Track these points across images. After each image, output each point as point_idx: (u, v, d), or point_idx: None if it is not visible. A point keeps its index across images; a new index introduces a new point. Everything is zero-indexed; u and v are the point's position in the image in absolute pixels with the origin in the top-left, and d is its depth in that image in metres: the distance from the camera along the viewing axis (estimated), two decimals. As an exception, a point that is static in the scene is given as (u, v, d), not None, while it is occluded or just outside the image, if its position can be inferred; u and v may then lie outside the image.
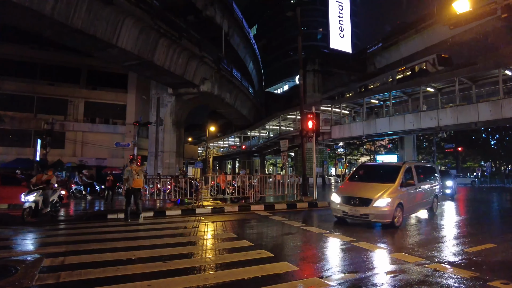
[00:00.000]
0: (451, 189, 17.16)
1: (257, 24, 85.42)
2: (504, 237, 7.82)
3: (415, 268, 4.93)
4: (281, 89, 77.88)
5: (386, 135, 34.80)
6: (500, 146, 49.27)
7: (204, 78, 27.83)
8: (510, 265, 5.28)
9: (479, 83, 25.58)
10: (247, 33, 42.73)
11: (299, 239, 7.32)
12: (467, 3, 8.00)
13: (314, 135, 14.46)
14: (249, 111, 46.96)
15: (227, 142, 60.17)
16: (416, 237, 7.70)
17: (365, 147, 58.06)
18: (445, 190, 16.46)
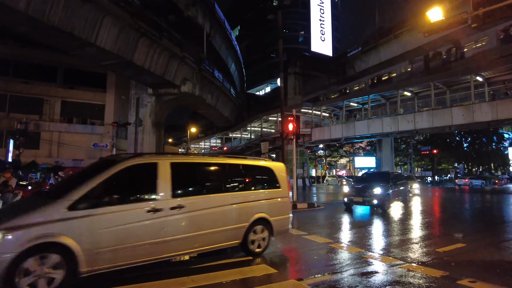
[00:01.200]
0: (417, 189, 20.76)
1: (239, 26, 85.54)
2: (474, 236, 8.15)
3: (390, 269, 5.08)
4: (263, 90, 78.27)
5: (365, 137, 35.59)
6: (472, 149, 51.28)
7: (185, 79, 27.61)
8: (477, 264, 5.51)
9: (453, 88, 26.57)
10: (229, 34, 42.70)
11: (277, 241, 7.38)
12: (440, 12, 8.30)
13: (294, 137, 14.61)
14: (231, 112, 46.89)
15: (209, 143, 59.84)
16: (391, 238, 7.90)
17: (344, 149, 59.05)
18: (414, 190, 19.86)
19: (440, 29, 8.47)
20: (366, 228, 9.25)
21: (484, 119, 22.30)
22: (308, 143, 36.30)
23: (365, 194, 12.39)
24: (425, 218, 11.24)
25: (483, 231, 9.15)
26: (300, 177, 35.80)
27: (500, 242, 7.49)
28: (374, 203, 12.05)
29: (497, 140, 53.32)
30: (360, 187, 13.23)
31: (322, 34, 69.53)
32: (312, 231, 8.27)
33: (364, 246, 6.68)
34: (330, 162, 59.39)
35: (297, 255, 6.17)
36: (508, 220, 11.56)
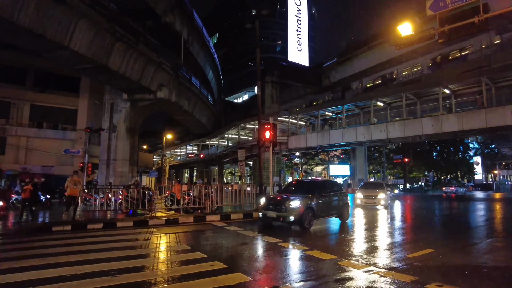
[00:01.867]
0: None
1: (217, 33, 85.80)
2: (442, 242, 8.47)
3: (362, 275, 5.19)
4: (241, 98, 78.48)
5: (339, 146, 36.33)
6: (440, 158, 53.49)
7: (162, 85, 27.30)
8: (445, 269, 5.73)
9: (423, 99, 27.71)
10: (207, 42, 42.70)
11: (253, 249, 7.38)
12: (409, 27, 8.70)
13: (271, 145, 14.73)
14: (208, 119, 46.66)
15: (185, 151, 59.09)
16: (364, 244, 8.07)
17: (320, 157, 60.03)
18: None
19: (410, 43, 8.88)
20: (341, 235, 9.41)
21: (451, 129, 23.40)
22: (285, 151, 36.61)
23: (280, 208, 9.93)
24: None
25: (450, 236, 9.54)
26: (277, 184, 35.96)
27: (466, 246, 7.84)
28: (290, 220, 9.65)
29: (463, 150, 56.03)
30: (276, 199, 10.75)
31: (299, 44, 70.72)
32: (287, 239, 8.33)
33: (339, 253, 6.80)
34: (306, 169, 60.13)
35: (273, 262, 6.20)
36: (476, 225, 12.10)
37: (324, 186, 11.92)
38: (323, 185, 12.18)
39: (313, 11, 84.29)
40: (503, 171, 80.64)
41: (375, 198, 17.84)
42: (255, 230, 9.89)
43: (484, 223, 13.09)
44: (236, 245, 7.83)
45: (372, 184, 21.58)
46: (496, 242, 8.61)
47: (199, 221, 11.62)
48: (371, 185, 20.69)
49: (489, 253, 7.24)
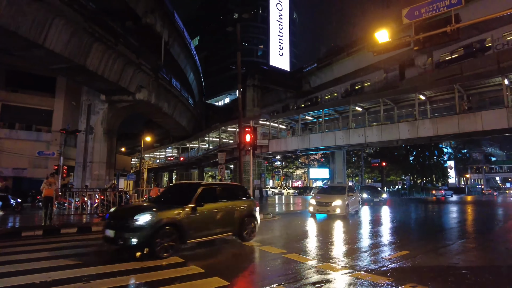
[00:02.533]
0: None
1: (199, 36, 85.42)
2: (417, 243, 8.69)
3: (339, 278, 5.25)
4: (222, 101, 78.31)
5: (319, 149, 36.83)
6: (416, 162, 55.09)
7: (141, 86, 26.87)
8: (419, 270, 5.88)
9: (400, 105, 28.50)
10: (188, 44, 42.39)
11: (232, 253, 7.33)
12: (386, 34, 8.94)
13: (251, 148, 14.74)
14: (189, 122, 46.24)
15: (164, 153, 58.28)
16: (342, 247, 8.18)
17: (300, 160, 60.60)
18: None
19: (387, 49, 9.12)
20: (320, 238, 9.50)
21: (426, 134, 24.17)
22: (266, 154, 36.75)
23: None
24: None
25: (425, 238, 9.80)
26: (257, 188, 35.99)
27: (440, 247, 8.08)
28: (132, 244, 6.31)
29: (438, 154, 57.95)
30: None
31: (281, 49, 71.47)
32: (266, 242, 8.33)
33: (317, 256, 6.85)
34: (287, 173, 60.52)
35: (250, 266, 6.17)
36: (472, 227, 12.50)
37: (211, 192, 8.07)
38: (209, 190, 8.06)
39: (295, 16, 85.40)
40: (474, 175, 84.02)
41: (329, 206, 13.97)
42: (234, 233, 9.81)
43: (457, 224, 13.55)
44: (214, 249, 7.75)
45: (332, 188, 17.62)
46: (467, 243, 8.92)
47: (178, 225, 11.43)
48: (330, 190, 17.12)
49: (461, 254, 7.49)
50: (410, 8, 9.03)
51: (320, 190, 18.66)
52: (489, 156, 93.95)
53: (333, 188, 17.32)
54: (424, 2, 8.89)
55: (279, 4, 73.87)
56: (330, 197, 14.50)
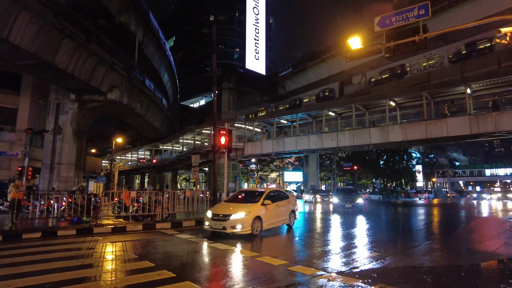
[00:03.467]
0: None
1: (174, 36, 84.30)
2: (386, 245, 8.94)
3: (312, 280, 5.30)
4: (197, 103, 77.55)
5: (293, 153, 37.20)
6: (387, 166, 56.90)
7: (113, 86, 26.14)
8: (388, 271, 6.04)
9: (371, 111, 29.35)
10: (163, 44, 41.73)
11: (204, 257, 7.25)
12: (358, 41, 9.19)
13: (226, 151, 14.66)
14: (162, 123, 45.42)
15: (136, 155, 56.87)
16: (316, 249, 8.27)
17: (275, 163, 60.99)
18: None
19: (359, 56, 9.38)
20: (295, 240, 9.58)
21: (396, 139, 25.00)
22: (241, 157, 36.70)
23: None
24: (345, 230, 11.94)
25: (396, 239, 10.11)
26: (232, 191, 35.84)
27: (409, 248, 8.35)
28: None
29: (407, 159, 60.14)
30: None
31: (257, 53, 71.88)
32: (239, 246, 8.30)
33: (290, 259, 6.89)
34: (262, 176, 60.67)
35: (223, 270, 6.12)
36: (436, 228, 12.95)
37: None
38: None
39: (271, 21, 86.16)
40: (440, 179, 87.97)
41: (225, 221, 9.52)
42: (207, 237, 9.72)
43: (424, 226, 14.08)
44: (186, 253, 7.62)
45: (247, 194, 11.93)
46: (433, 244, 9.28)
47: (149, 229, 11.19)
48: (246, 195, 11.66)
49: (427, 255, 7.78)
50: (381, 17, 9.35)
51: (231, 196, 12.40)
52: (454, 161, 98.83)
53: (248, 194, 11.90)
54: (395, 11, 9.24)
55: (256, 8, 74.39)
56: (234, 208, 10.11)
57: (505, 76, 21.99)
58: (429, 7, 8.90)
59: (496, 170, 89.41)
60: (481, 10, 23.95)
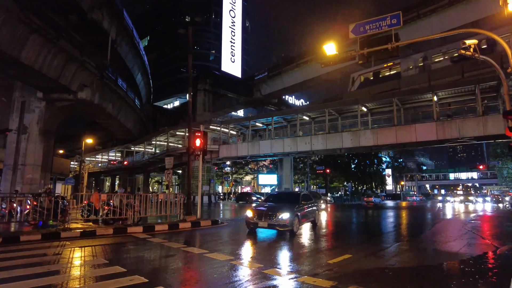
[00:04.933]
0: None
1: (149, 36, 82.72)
2: (359, 247, 9.15)
3: (286, 282, 5.32)
4: (171, 104, 76.33)
5: (268, 156, 37.45)
6: (358, 170, 58.45)
7: (84, 85, 25.25)
8: (361, 273, 6.17)
9: (344, 116, 30.07)
10: (137, 44, 40.81)
11: (178, 261, 7.11)
12: (333, 47, 9.39)
13: (201, 153, 14.50)
14: (135, 124, 44.35)
15: (107, 157, 55.15)
16: (290, 251, 8.33)
17: (249, 166, 61.05)
18: None
19: (334, 62, 9.58)
20: (267, 243, 9.59)
21: (367, 144, 25.75)
22: (216, 159, 36.46)
23: None
24: (319, 233, 12.14)
25: (366, 241, 10.36)
26: (206, 194, 35.53)
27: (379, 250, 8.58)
28: None
29: (377, 163, 62.09)
30: None
31: (233, 55, 71.90)
32: (214, 249, 8.21)
33: (264, 262, 6.90)
34: (236, 179, 60.54)
35: (197, 274, 6.03)
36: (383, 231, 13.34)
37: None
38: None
39: (247, 24, 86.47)
40: (408, 182, 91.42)
41: None
42: (180, 241, 9.55)
43: (393, 229, 14.54)
44: (159, 258, 7.45)
45: None
46: (402, 246, 9.59)
47: (120, 233, 10.85)
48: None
49: (397, 256, 8.03)
50: (356, 24, 9.62)
51: None
52: (421, 165, 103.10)
53: None
54: (368, 19, 9.53)
55: (232, 11, 74.47)
56: None
57: (467, 86, 23.22)
58: (401, 17, 9.26)
59: (459, 174, 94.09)
60: (446, 23, 25.22)
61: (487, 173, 78.68)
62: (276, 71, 40.71)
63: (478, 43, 8.50)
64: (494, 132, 20.36)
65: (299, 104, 62.51)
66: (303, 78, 37.63)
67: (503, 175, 52.81)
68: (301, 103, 64.32)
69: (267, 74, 41.80)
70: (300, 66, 37.51)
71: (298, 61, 37.92)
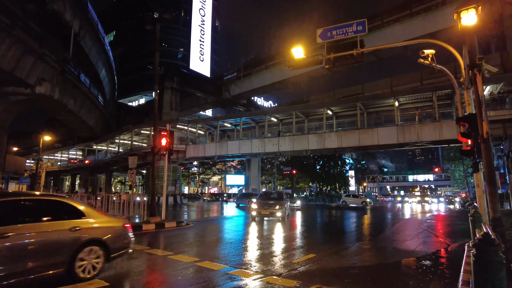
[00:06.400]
0: None
1: (115, 31, 79.86)
2: (322, 247, 9.37)
3: (251, 283, 5.35)
4: (136, 101, 74.11)
5: (236, 156, 37.42)
6: (322, 171, 59.97)
7: (43, 79, 23.93)
8: (324, 272, 6.33)
9: (310, 118, 30.73)
10: (102, 38, 39.25)
11: (140, 264, 6.92)
12: (301, 51, 9.58)
13: (167, 153, 14.20)
14: (97, 121, 42.64)
15: (67, 155, 52.56)
16: (255, 252, 8.37)
17: (217, 167, 60.68)
18: None
19: (301, 65, 9.77)
20: (233, 244, 9.58)
21: (332, 146, 26.50)
22: (182, 159, 35.88)
23: None
24: (284, 233, 12.31)
25: (330, 241, 10.65)
26: (172, 195, 34.83)
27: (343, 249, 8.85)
28: None
29: (341, 164, 64.00)
30: None
31: (202, 54, 71.14)
32: (178, 251, 8.08)
33: (230, 263, 6.88)
34: (203, 179, 59.93)
35: (160, 277, 5.90)
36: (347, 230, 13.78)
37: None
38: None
39: (217, 24, 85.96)
40: (370, 184, 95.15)
41: None
42: (143, 243, 9.29)
43: (355, 228, 15.05)
44: (120, 261, 7.19)
45: None
46: (363, 245, 9.95)
47: (80, 234, 10.34)
48: None
49: (359, 255, 8.32)
50: (323, 29, 9.87)
51: None
52: (383, 167, 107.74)
53: None
54: (336, 25, 9.82)
55: (202, 10, 73.72)
56: None
57: (425, 93, 24.56)
58: (366, 24, 9.63)
59: (417, 176, 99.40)
60: (408, 32, 26.57)
61: (442, 175, 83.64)
62: (245, 72, 40.81)
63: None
64: (449, 137, 21.68)
65: (268, 105, 63.11)
66: (272, 80, 38.01)
67: (455, 177, 56.40)
68: (270, 104, 64.95)
69: (236, 74, 41.79)
70: (269, 68, 37.85)
71: (267, 63, 38.25)
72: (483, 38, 26.32)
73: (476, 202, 8.85)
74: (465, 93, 7.94)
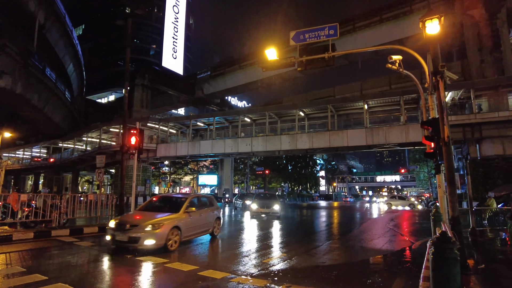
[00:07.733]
0: None
1: (84, 25, 76.88)
2: (292, 246, 9.51)
3: (221, 284, 5.34)
4: (106, 98, 71.68)
5: (209, 156, 37.14)
6: (294, 171, 60.82)
7: (3, 72, 22.66)
8: (293, 271, 6.43)
9: (283, 119, 31.06)
10: (70, 32, 37.62)
11: (108, 266, 6.73)
12: (274, 52, 9.68)
13: (136, 152, 13.84)
14: (64, 118, 40.89)
15: (30, 153, 49.97)
16: (225, 252, 8.37)
17: (189, 166, 59.93)
18: None
19: (274, 67, 9.87)
20: (204, 245, 9.52)
21: (304, 147, 26.92)
22: (153, 159, 35.13)
23: None
24: (256, 233, 12.37)
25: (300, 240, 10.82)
26: (141, 195, 34.02)
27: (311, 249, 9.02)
28: None
29: (312, 165, 65.19)
30: None
31: (174, 52, 69.89)
32: (147, 253, 7.92)
33: (199, 263, 6.84)
34: (175, 179, 58.98)
35: (128, 279, 5.76)
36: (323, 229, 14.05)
37: None
38: None
39: (191, 22, 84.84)
40: (339, 184, 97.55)
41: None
42: (111, 245, 9.03)
43: (325, 228, 15.39)
44: (87, 263, 6.95)
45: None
46: (333, 244, 10.21)
47: (42, 236, 9.90)
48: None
49: (328, 254, 8.53)
50: (296, 32, 10.02)
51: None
52: (352, 168, 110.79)
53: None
54: (308, 28, 10.00)
55: (176, 7, 72.44)
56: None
57: (393, 96, 25.50)
58: (338, 29, 9.87)
59: (384, 177, 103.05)
60: (378, 38, 27.53)
61: (408, 176, 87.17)
62: (219, 71, 40.58)
63: (402, 59, 9.40)
64: (414, 140, 22.64)
65: (241, 105, 63.05)
66: (246, 81, 38.05)
67: (420, 178, 59.04)
68: (244, 104, 64.93)
69: (210, 73, 41.46)
70: (243, 68, 37.86)
71: (241, 63, 38.25)
72: (446, 47, 27.76)
73: (438, 202, 9.32)
74: (429, 98, 8.33)
